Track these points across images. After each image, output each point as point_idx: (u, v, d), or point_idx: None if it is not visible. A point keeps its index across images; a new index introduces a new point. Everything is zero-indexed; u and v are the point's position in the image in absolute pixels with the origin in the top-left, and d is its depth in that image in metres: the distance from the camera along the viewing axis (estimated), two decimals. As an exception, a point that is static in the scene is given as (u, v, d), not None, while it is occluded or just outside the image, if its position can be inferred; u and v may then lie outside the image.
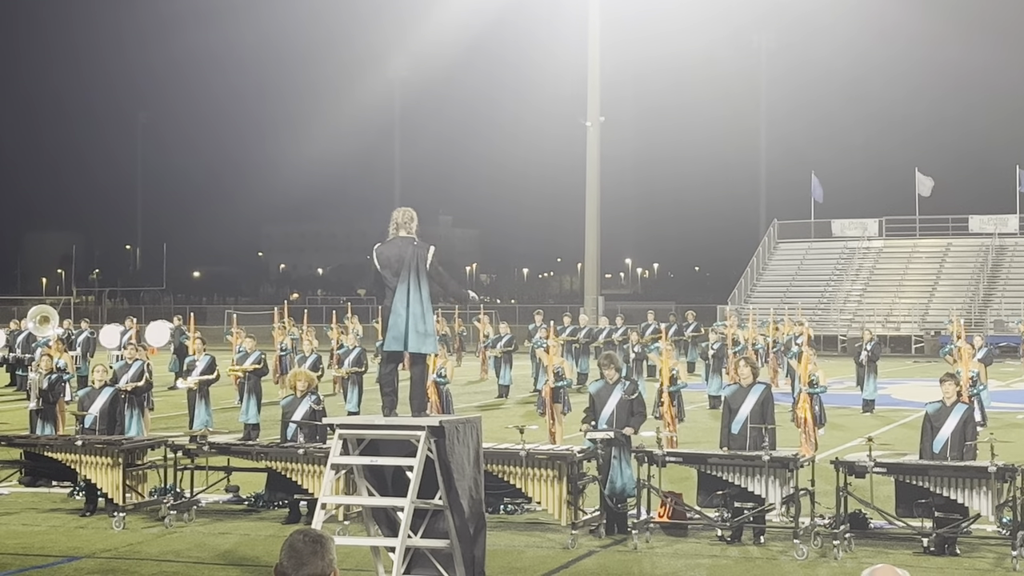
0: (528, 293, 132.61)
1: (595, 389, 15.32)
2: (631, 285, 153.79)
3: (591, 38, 56.24)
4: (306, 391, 16.30)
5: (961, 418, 14.11)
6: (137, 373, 21.09)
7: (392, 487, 10.90)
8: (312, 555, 4.70)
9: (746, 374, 14.80)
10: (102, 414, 16.77)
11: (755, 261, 65.89)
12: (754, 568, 12.95)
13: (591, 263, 58.96)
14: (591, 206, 57.37)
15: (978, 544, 13.72)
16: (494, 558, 12.58)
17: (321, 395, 16.59)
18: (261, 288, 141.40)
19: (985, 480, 13.08)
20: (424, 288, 11.11)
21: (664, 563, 13.17)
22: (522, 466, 14.04)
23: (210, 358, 23.75)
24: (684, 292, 63.04)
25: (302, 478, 14.92)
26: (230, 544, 14.18)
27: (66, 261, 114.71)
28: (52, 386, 20.38)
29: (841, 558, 13.13)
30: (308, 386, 16.38)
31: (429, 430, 10.46)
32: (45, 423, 19.91)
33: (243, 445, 16.22)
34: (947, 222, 65.29)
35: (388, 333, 11.10)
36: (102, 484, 15.48)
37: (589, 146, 56.68)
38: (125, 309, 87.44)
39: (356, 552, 12.17)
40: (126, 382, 20.53)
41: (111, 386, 17.32)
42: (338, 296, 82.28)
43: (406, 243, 11.25)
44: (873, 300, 60.43)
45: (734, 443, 14.48)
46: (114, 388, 17.33)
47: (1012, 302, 57.28)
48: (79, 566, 13.09)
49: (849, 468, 13.72)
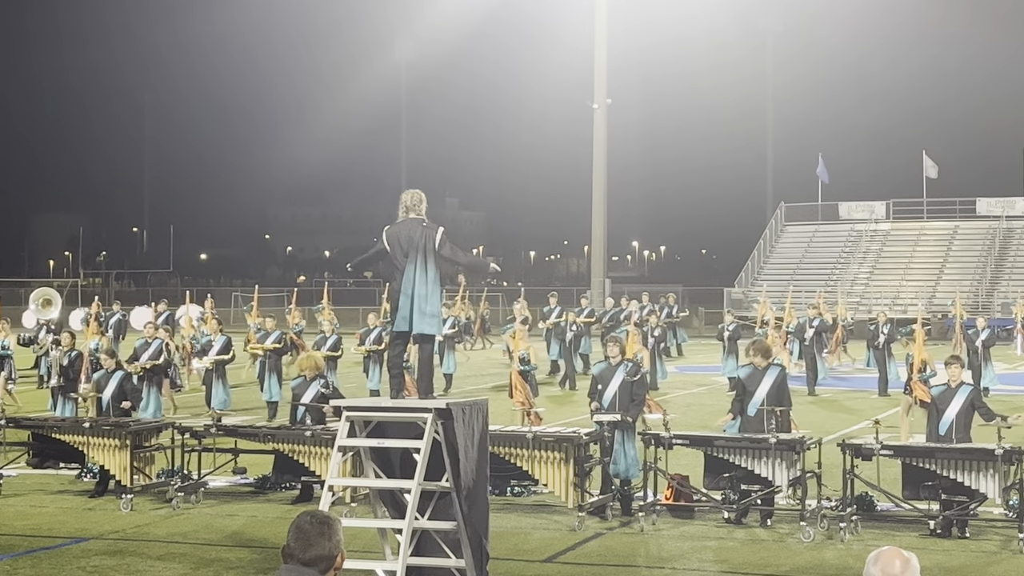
0: (535, 276, 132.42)
1: (598, 370, 15.35)
2: (638, 268, 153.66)
3: (598, 20, 56.12)
4: (315, 375, 16.35)
5: (966, 400, 14.13)
6: (156, 351, 22.13)
7: (399, 469, 10.90)
8: (319, 536, 4.71)
9: (760, 357, 14.79)
10: (114, 397, 16.85)
11: (762, 244, 65.83)
12: (761, 550, 12.96)
13: (598, 246, 58.93)
14: (598, 189, 57.31)
15: (985, 527, 13.73)
16: (501, 540, 12.61)
17: (330, 379, 16.64)
18: (268, 270, 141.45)
19: (992, 462, 13.08)
20: (431, 270, 11.12)
21: (670, 545, 13.19)
22: (529, 448, 14.05)
23: (226, 339, 24.44)
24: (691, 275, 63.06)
25: (309, 460, 14.95)
26: (237, 526, 14.21)
27: (73, 243, 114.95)
28: (72, 363, 20.73)
29: (848, 540, 13.13)
30: (317, 370, 16.44)
31: (436, 412, 10.46)
32: (66, 400, 20.03)
33: (250, 427, 16.25)
34: (954, 205, 65.14)
35: (396, 314, 11.14)
36: (110, 466, 15.52)
37: (596, 129, 56.61)
38: (132, 292, 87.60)
39: (363, 534, 12.18)
40: (146, 359, 21.59)
41: (121, 370, 17.40)
42: (345, 279, 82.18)
43: (415, 224, 11.24)
44: (880, 283, 60.36)
45: (750, 426, 14.47)
46: (123, 372, 17.37)
47: (1019, 284, 57.16)
48: (87, 547, 13.12)
49: (856, 451, 13.72)
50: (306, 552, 4.69)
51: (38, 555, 12.81)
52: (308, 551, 4.69)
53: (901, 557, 4.78)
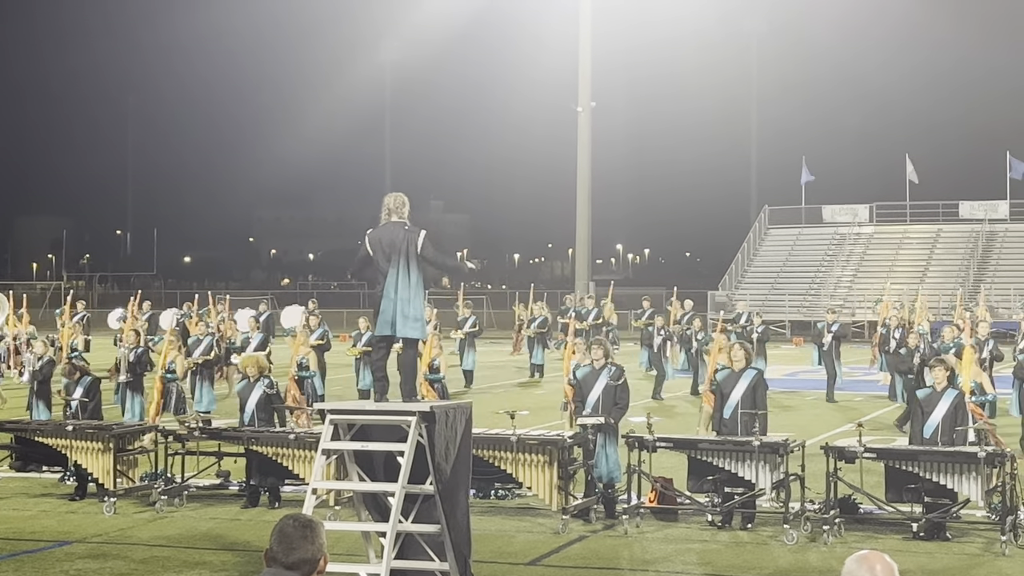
0: (519, 278, 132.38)
1: (582, 374, 15.30)
2: (622, 271, 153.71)
3: (582, 23, 56.14)
4: (258, 376, 16.45)
5: (952, 403, 14.17)
6: (207, 347, 24.26)
7: (383, 472, 10.90)
8: (302, 539, 4.72)
9: (739, 358, 14.80)
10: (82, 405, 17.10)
11: (746, 246, 65.89)
12: (744, 553, 12.98)
13: (582, 248, 58.89)
14: (582, 191, 57.29)
15: (967, 529, 13.77)
16: (484, 543, 12.60)
17: (274, 379, 16.85)
18: (252, 273, 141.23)
19: (975, 465, 13.12)
20: (413, 273, 11.12)
21: (654, 548, 13.20)
22: (513, 451, 14.04)
23: (210, 339, 24.62)
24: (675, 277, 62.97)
25: (293, 463, 14.93)
26: (221, 529, 14.19)
27: (56, 246, 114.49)
28: (139, 359, 21.47)
29: (831, 543, 13.16)
30: (259, 371, 16.54)
31: (420, 415, 10.46)
32: (134, 394, 21.12)
33: (233, 430, 16.24)
34: (937, 208, 65.30)
35: (379, 318, 11.15)
36: (93, 469, 15.47)
37: (580, 131, 56.58)
38: (116, 294, 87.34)
39: (346, 537, 12.18)
40: (198, 355, 23.63)
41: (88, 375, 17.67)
42: (329, 281, 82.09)
43: (397, 228, 11.24)
44: (863, 286, 60.47)
45: (725, 428, 14.52)
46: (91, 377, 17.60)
47: (1002, 288, 57.34)
48: (70, 551, 13.09)
49: (839, 453, 13.75)
50: (289, 556, 4.70)
51: (21, 559, 12.77)
52: (291, 555, 4.70)
53: (883, 560, 4.77)
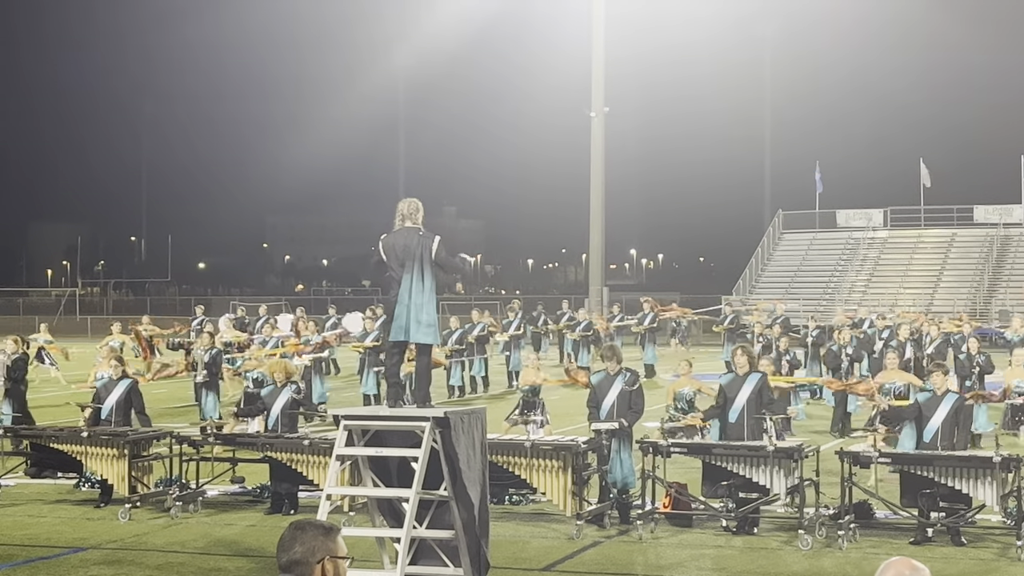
0: (533, 284, 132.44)
1: (596, 380, 15.30)
2: (636, 276, 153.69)
3: (595, 28, 56.14)
4: (285, 381, 16.45)
5: (952, 407, 14.22)
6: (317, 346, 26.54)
7: (397, 478, 10.91)
8: (291, 541, 4.86)
9: (742, 363, 14.81)
10: (118, 406, 16.72)
11: (760, 251, 65.80)
12: (759, 558, 12.96)
13: (595, 254, 58.84)
14: (595, 197, 57.26)
15: (983, 534, 13.74)
16: (499, 548, 12.60)
17: (301, 384, 16.88)
18: (266, 279, 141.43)
19: (990, 470, 13.09)
20: (427, 279, 11.13)
21: (669, 553, 13.19)
22: (527, 457, 14.05)
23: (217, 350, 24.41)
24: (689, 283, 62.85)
25: (307, 469, 14.94)
26: (235, 535, 14.21)
27: (71, 252, 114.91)
28: (214, 359, 22.96)
29: (846, 548, 13.13)
30: (287, 376, 16.55)
31: (434, 421, 10.47)
32: (208, 392, 22.99)
33: (248, 436, 16.27)
34: (952, 212, 65.14)
35: (393, 323, 11.16)
36: (108, 475, 15.50)
37: (593, 137, 56.55)
38: (130, 301, 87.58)
39: (361, 543, 12.18)
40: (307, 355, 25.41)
41: (127, 378, 17.23)
42: (343, 287, 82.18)
43: (411, 233, 11.25)
44: (878, 291, 60.34)
45: (731, 432, 14.51)
46: (131, 380, 17.24)
47: (1016, 292, 57.16)
48: (85, 557, 13.12)
49: (854, 458, 13.74)
50: (281, 558, 4.84)
51: (36, 565, 12.80)
52: (283, 557, 4.84)
53: (911, 566, 4.75)
